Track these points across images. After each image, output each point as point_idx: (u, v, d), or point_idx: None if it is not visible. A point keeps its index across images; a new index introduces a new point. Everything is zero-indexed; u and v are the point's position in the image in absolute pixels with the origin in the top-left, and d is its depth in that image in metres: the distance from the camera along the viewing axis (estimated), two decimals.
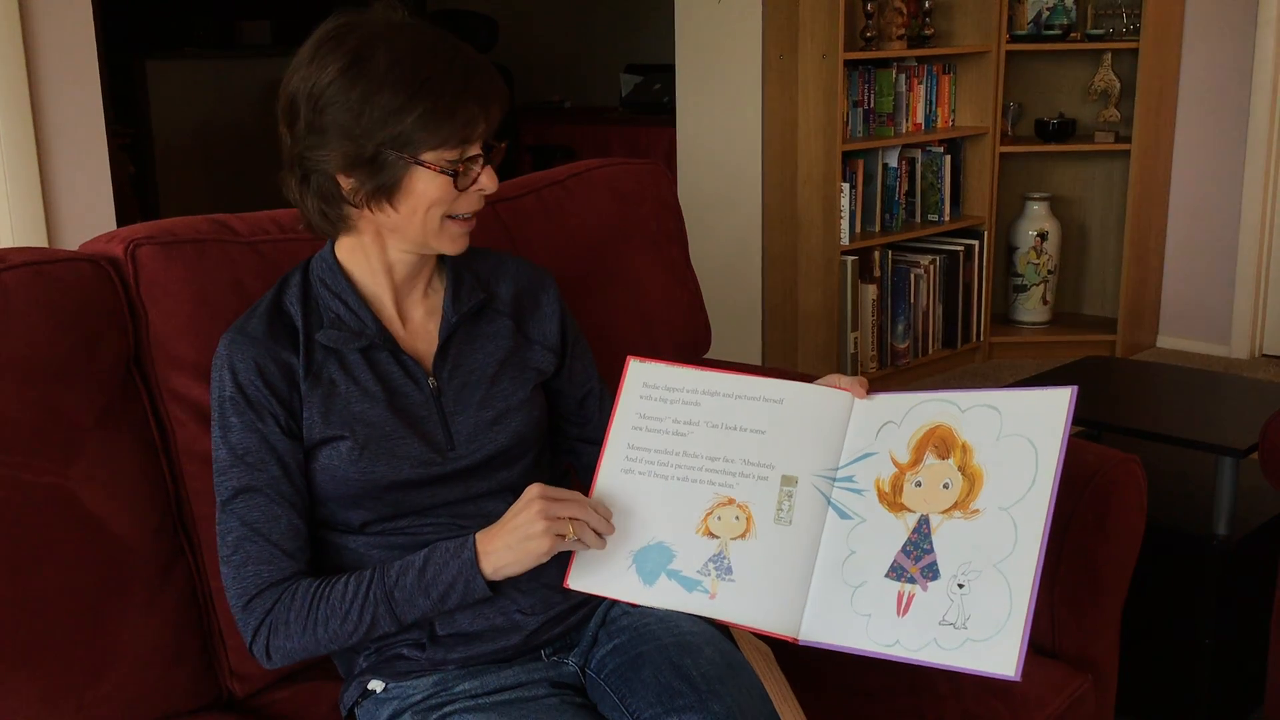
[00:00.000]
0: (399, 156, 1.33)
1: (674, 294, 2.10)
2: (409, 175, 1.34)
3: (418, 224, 1.38)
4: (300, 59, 1.36)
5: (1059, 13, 4.67)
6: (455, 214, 1.39)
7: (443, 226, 1.39)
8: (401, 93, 1.31)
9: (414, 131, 1.32)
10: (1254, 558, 2.16)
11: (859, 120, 4.29)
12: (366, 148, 1.32)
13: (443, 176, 1.35)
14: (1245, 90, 4.52)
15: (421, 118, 1.31)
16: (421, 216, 1.37)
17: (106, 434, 1.46)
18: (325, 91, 1.32)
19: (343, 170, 1.35)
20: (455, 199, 1.37)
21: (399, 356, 1.43)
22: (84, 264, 1.48)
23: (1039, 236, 4.76)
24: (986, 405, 1.39)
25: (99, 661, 1.43)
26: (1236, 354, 4.68)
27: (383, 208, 1.37)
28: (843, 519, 1.40)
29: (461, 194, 1.38)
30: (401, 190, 1.35)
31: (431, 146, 1.33)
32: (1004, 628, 1.27)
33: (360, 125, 1.32)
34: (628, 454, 1.46)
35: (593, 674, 1.40)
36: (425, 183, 1.35)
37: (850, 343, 4.27)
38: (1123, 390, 2.61)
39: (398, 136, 1.32)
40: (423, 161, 1.33)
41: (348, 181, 1.35)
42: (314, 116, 1.33)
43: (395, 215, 1.37)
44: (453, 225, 1.40)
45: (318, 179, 1.37)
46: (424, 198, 1.36)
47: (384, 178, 1.34)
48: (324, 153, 1.34)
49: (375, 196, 1.35)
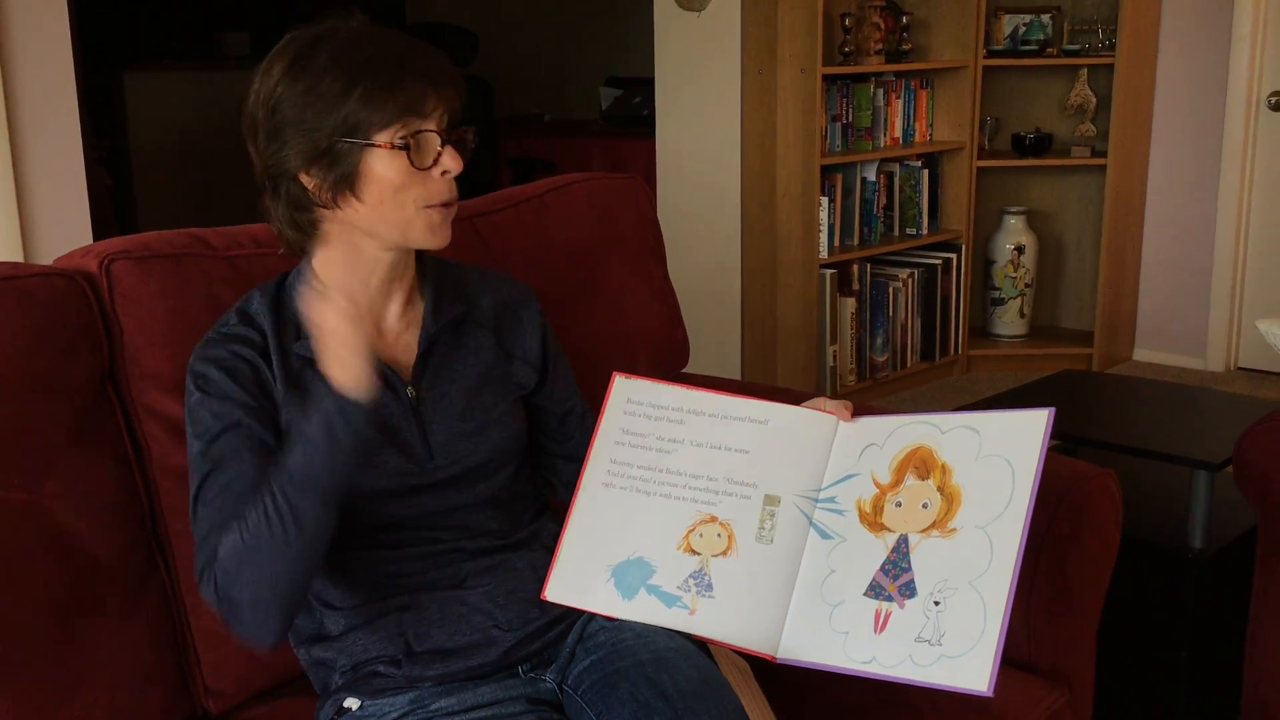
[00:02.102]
0: (351, 143, 1.33)
1: (652, 308, 2.10)
2: (365, 160, 1.33)
3: (389, 214, 1.36)
4: (254, 76, 1.37)
5: (1035, 28, 4.71)
6: (428, 201, 1.37)
7: (417, 215, 1.37)
8: (342, 77, 1.31)
9: (359, 112, 1.31)
10: (1229, 571, 2.17)
11: (837, 134, 4.31)
12: (320, 140, 1.32)
13: (397, 154, 1.33)
14: (1220, 105, 4.56)
15: (363, 97, 1.31)
16: (390, 204, 1.35)
17: (80, 450, 1.45)
18: (274, 93, 1.34)
19: (303, 169, 1.34)
20: (421, 182, 1.35)
21: (378, 365, 1.42)
22: (58, 279, 1.47)
23: (1016, 250, 4.79)
24: (966, 427, 1.40)
25: (72, 679, 1.41)
26: (1212, 367, 4.71)
27: (349, 202, 1.36)
28: (824, 539, 1.41)
29: (426, 178, 1.36)
30: (361, 178, 1.34)
31: (380, 125, 1.32)
32: (978, 644, 1.27)
33: (309, 118, 1.32)
34: (609, 468, 1.46)
35: (570, 690, 1.39)
36: (382, 165, 1.34)
37: (829, 356, 4.28)
38: (1099, 404, 2.62)
39: (345, 121, 1.32)
40: (374, 143, 1.33)
41: (310, 180, 1.35)
42: (269, 121, 1.34)
43: (363, 208, 1.36)
44: (429, 214, 1.37)
45: (285, 184, 1.37)
46: (385, 182, 1.34)
47: (342, 167, 1.33)
48: (284, 155, 1.34)
49: (339, 190, 1.35)
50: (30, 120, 2.63)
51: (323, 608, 1.43)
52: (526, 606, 1.41)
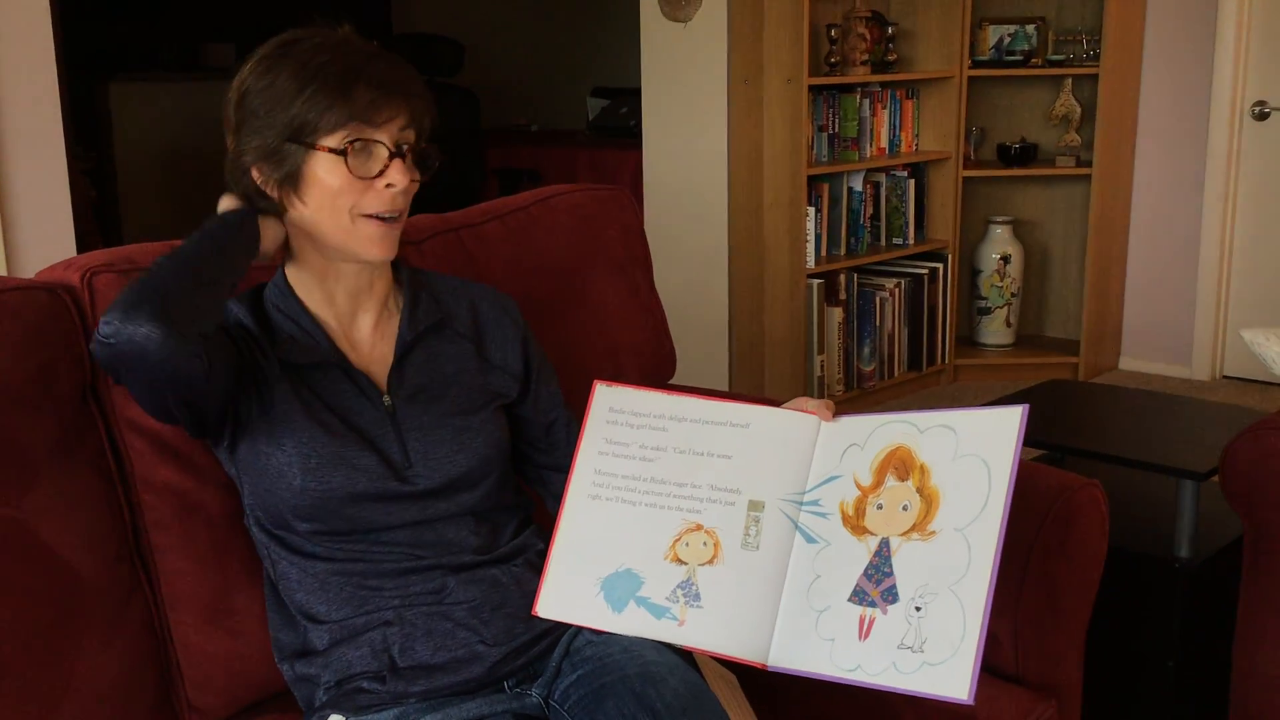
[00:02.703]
0: (297, 145, 1.33)
1: (639, 319, 2.10)
2: (308, 163, 1.34)
3: (327, 219, 1.36)
4: None
5: (1020, 39, 4.72)
6: (365, 211, 1.36)
7: (355, 224, 1.36)
8: (297, 78, 1.33)
9: (306, 114, 1.32)
10: (1216, 580, 2.18)
11: (824, 144, 4.31)
12: (270, 138, 1.34)
13: (339, 162, 1.33)
14: (1204, 114, 4.58)
15: (311, 98, 1.32)
16: (328, 209, 1.36)
17: (62, 464, 1.43)
18: (243, 86, 1.36)
19: (256, 164, 1.37)
20: (361, 191, 1.35)
21: (351, 374, 1.42)
22: (40, 292, 1.46)
23: (1002, 260, 4.80)
24: (943, 425, 1.39)
25: (54, 695, 1.40)
26: (1198, 376, 4.73)
27: (293, 201, 1.37)
28: (809, 543, 1.40)
29: (368, 187, 1.35)
30: (304, 179, 1.35)
31: (326, 129, 1.33)
32: (958, 651, 1.27)
33: (263, 115, 1.34)
34: (594, 479, 1.46)
35: (556, 705, 1.39)
36: (324, 169, 1.34)
37: (817, 366, 4.28)
38: (1085, 413, 2.62)
39: (292, 121, 1.33)
40: (316, 145, 1.33)
41: (260, 175, 1.37)
42: (235, 113, 1.37)
43: (305, 209, 1.37)
44: (366, 224, 1.37)
45: (243, 179, 1.39)
46: (324, 187, 1.35)
47: (287, 166, 1.35)
48: (242, 148, 1.37)
49: (284, 188, 1.36)
50: (13, 131, 2.62)
51: (307, 621, 1.42)
52: (512, 621, 1.40)
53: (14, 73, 2.61)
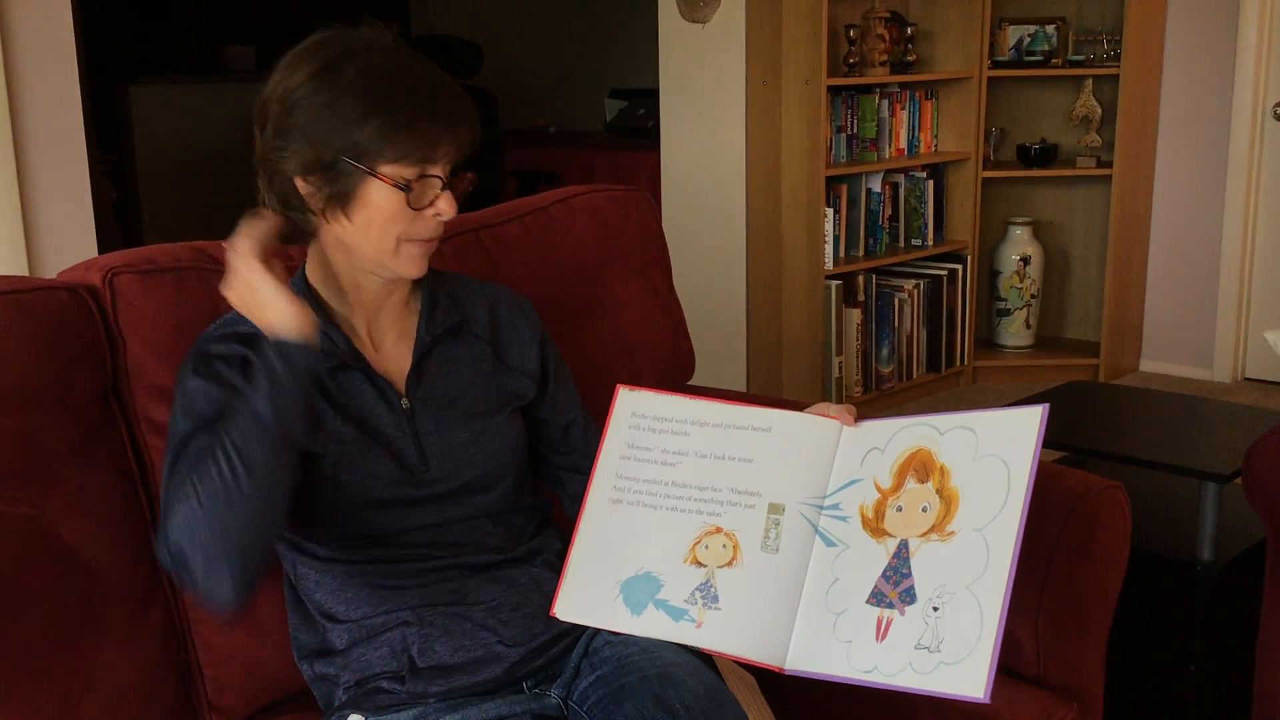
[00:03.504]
0: (355, 166, 1.32)
1: (657, 320, 2.10)
2: (364, 186, 1.33)
3: (372, 240, 1.36)
4: (279, 65, 1.37)
5: (1040, 39, 4.70)
6: (411, 237, 1.37)
7: (399, 247, 1.37)
8: (364, 102, 1.31)
9: (371, 141, 1.31)
10: (1238, 583, 2.16)
11: (842, 145, 4.30)
12: (325, 154, 1.32)
13: (397, 192, 1.33)
14: (1225, 115, 4.55)
15: (380, 128, 1.31)
16: (376, 232, 1.36)
17: (84, 464, 1.44)
18: (294, 94, 1.33)
19: (301, 174, 1.35)
20: (410, 220, 1.36)
21: (371, 376, 1.42)
22: (61, 293, 1.47)
23: (1022, 261, 4.78)
24: (964, 427, 1.39)
25: (75, 694, 1.41)
26: (1219, 378, 4.70)
27: (338, 218, 1.36)
28: (828, 546, 1.40)
29: (417, 216, 1.36)
30: (356, 201, 1.34)
31: (389, 159, 1.32)
32: (974, 650, 1.26)
33: (321, 130, 1.32)
34: (616, 484, 1.46)
35: (575, 706, 1.38)
36: (380, 196, 1.34)
37: (834, 367, 4.27)
38: (1106, 415, 2.61)
39: (355, 145, 1.32)
40: (378, 174, 1.33)
41: (305, 186, 1.35)
42: (281, 119, 1.34)
43: (350, 227, 1.36)
44: (409, 247, 1.38)
45: (279, 181, 1.37)
46: (378, 212, 1.34)
47: (339, 185, 1.34)
48: (285, 154, 1.34)
49: (331, 204, 1.35)
50: (36, 133, 2.63)
51: (326, 621, 1.42)
52: (531, 622, 1.40)
53: (36, 76, 2.63)
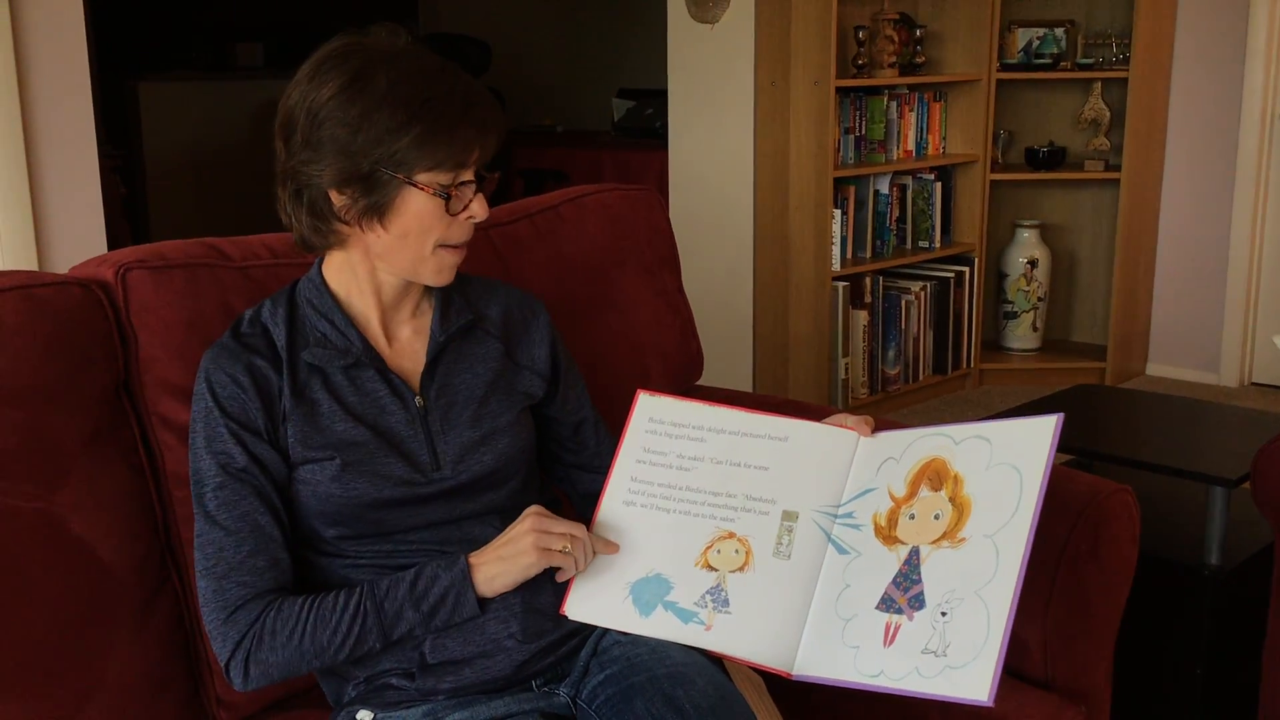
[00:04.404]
0: (392, 176, 1.33)
1: (666, 320, 2.10)
2: (401, 195, 1.34)
3: (410, 248, 1.38)
4: (301, 75, 1.37)
5: (1049, 42, 4.70)
6: (446, 242, 1.39)
7: (434, 254, 1.39)
8: (401, 112, 1.31)
9: (409, 151, 1.32)
10: (1246, 587, 2.16)
11: (850, 147, 4.30)
12: (362, 165, 1.33)
13: (435, 199, 1.35)
14: (1234, 119, 4.55)
15: (418, 138, 1.32)
16: (414, 240, 1.37)
17: (95, 459, 1.44)
18: (324, 107, 1.33)
19: (335, 186, 1.35)
20: (447, 225, 1.37)
21: (385, 374, 1.43)
22: (74, 287, 1.47)
23: (1029, 264, 4.77)
24: (978, 436, 1.39)
25: (85, 689, 1.41)
26: (1226, 382, 4.69)
27: (374, 227, 1.37)
28: (841, 554, 1.40)
29: (453, 221, 1.38)
30: (393, 210, 1.35)
31: (426, 168, 1.33)
32: (980, 653, 1.26)
33: (357, 142, 1.32)
34: (630, 486, 1.46)
35: (584, 704, 1.39)
36: (418, 204, 1.35)
37: (841, 368, 4.27)
38: (1113, 419, 2.61)
39: (393, 155, 1.32)
40: (416, 182, 1.34)
41: (340, 198, 1.35)
42: (311, 132, 1.34)
43: (386, 236, 1.37)
44: (444, 254, 1.40)
45: (310, 194, 1.37)
46: (415, 220, 1.35)
47: (377, 196, 1.34)
48: (318, 168, 1.34)
49: (367, 215, 1.36)
50: (46, 129, 2.64)
51: None
52: (541, 619, 1.40)
53: (47, 72, 2.63)
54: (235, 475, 1.35)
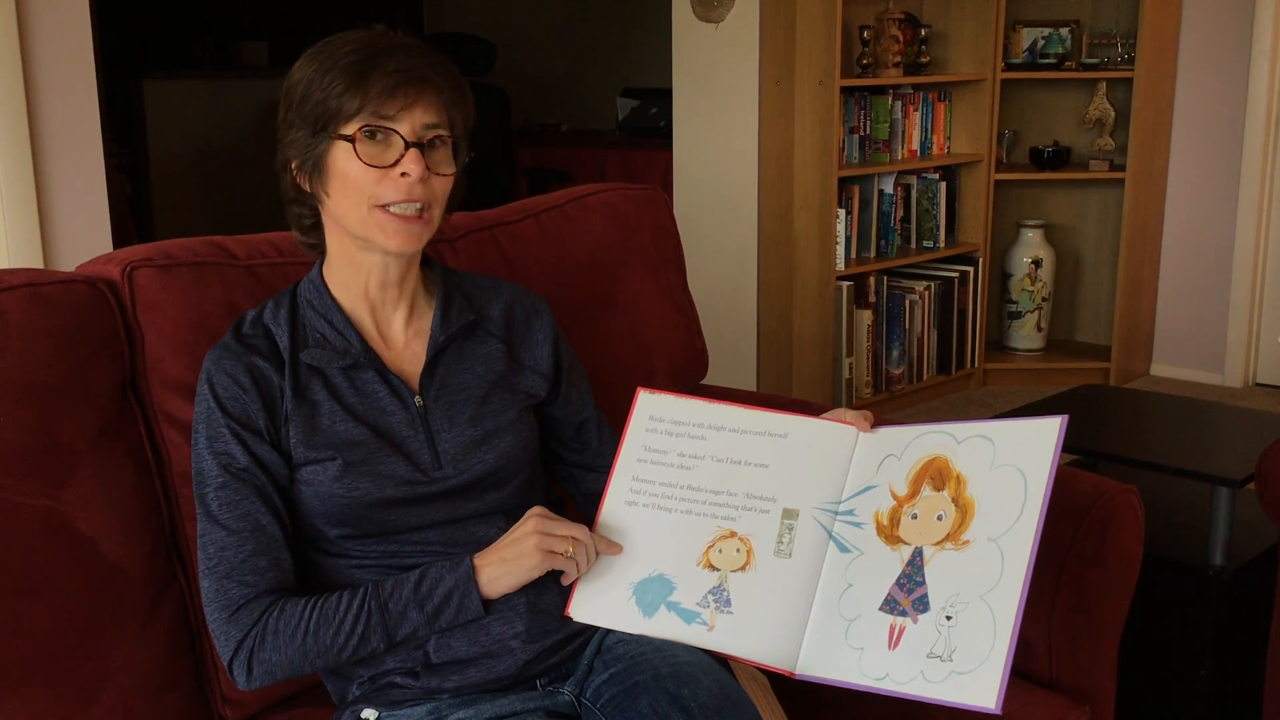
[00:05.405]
0: (323, 134, 1.35)
1: (672, 319, 2.10)
2: (330, 151, 1.35)
3: (350, 208, 1.36)
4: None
5: (1054, 41, 4.70)
6: (379, 201, 1.35)
7: (371, 214, 1.35)
8: (321, 69, 1.34)
9: (325, 101, 1.33)
10: (1250, 588, 2.16)
11: (855, 146, 4.30)
12: (301, 131, 1.36)
13: (350, 151, 1.33)
14: (1239, 119, 4.54)
15: (329, 86, 1.33)
16: (351, 200, 1.36)
17: (101, 456, 1.45)
18: (290, 80, 1.37)
19: (291, 157, 1.38)
20: (376, 181, 1.33)
21: (385, 375, 1.43)
22: (81, 285, 1.48)
23: (1033, 264, 4.77)
24: (981, 436, 1.39)
25: (91, 686, 1.41)
26: (1230, 383, 4.69)
27: (319, 194, 1.38)
28: (842, 552, 1.40)
29: (383, 176, 1.34)
30: (326, 169, 1.36)
31: (346, 117, 1.33)
32: (987, 660, 1.26)
33: (295, 109, 1.36)
34: (632, 486, 1.46)
35: (588, 703, 1.39)
36: (343, 159, 1.34)
37: (845, 368, 4.27)
38: (1118, 419, 2.61)
39: (316, 110, 1.34)
40: (338, 133, 1.34)
41: (296, 170, 1.38)
42: (284, 112, 1.39)
43: (329, 201, 1.38)
44: (381, 216, 1.35)
45: (285, 175, 1.40)
46: (343, 176, 1.35)
47: (313, 157, 1.36)
48: (286, 142, 1.38)
49: (313, 181, 1.37)
50: (52, 127, 2.64)
51: None
52: (545, 619, 1.40)
53: (53, 70, 2.63)
54: (237, 475, 1.35)
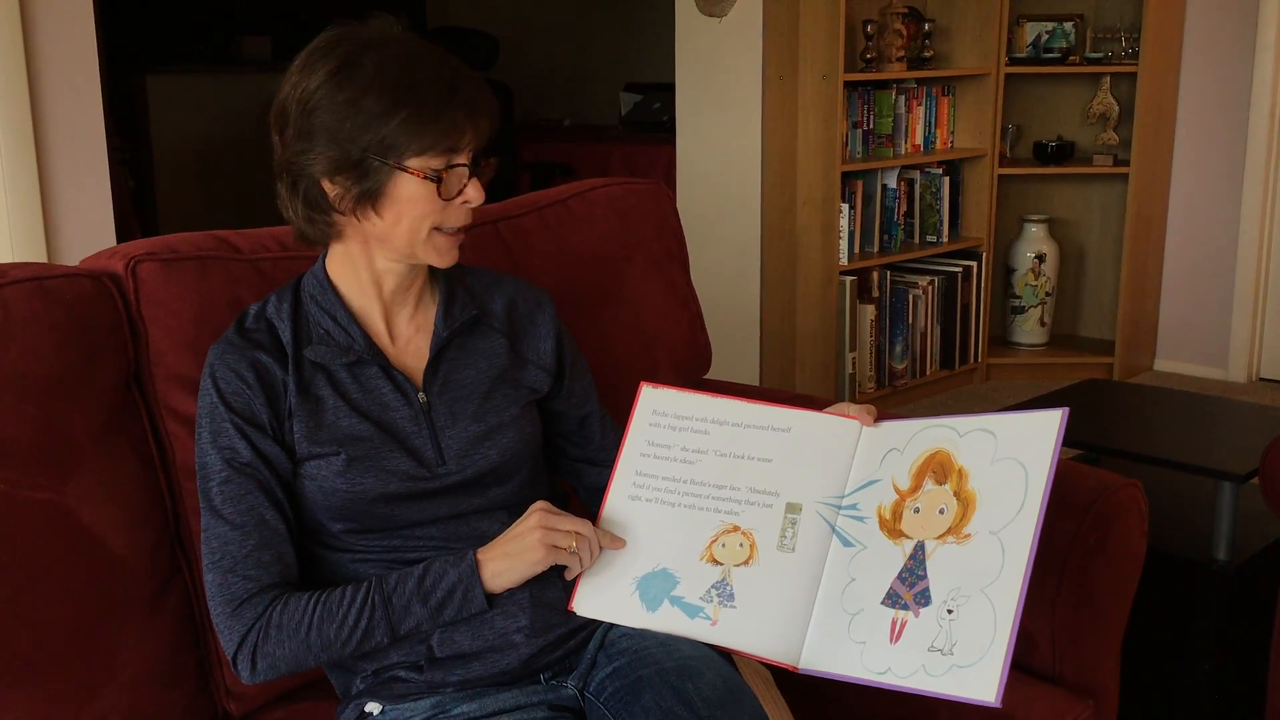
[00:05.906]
0: (383, 162, 1.33)
1: (675, 314, 2.10)
2: (393, 181, 1.34)
3: (404, 232, 1.37)
4: (293, 67, 1.37)
5: (1058, 36, 4.69)
6: (442, 226, 1.38)
7: (429, 238, 1.38)
8: (386, 97, 1.31)
9: (398, 136, 1.31)
10: (1254, 583, 2.16)
11: (858, 141, 4.30)
12: (352, 152, 1.32)
13: (426, 184, 1.34)
14: (1243, 114, 4.53)
15: (405, 122, 1.31)
16: (407, 225, 1.36)
17: (105, 451, 1.45)
18: (313, 96, 1.33)
19: (328, 175, 1.35)
20: (441, 209, 1.37)
21: (388, 371, 1.43)
22: (85, 280, 1.48)
23: (1037, 258, 4.77)
24: (983, 429, 1.39)
25: (95, 680, 1.41)
26: (1234, 377, 4.68)
27: (368, 215, 1.36)
28: (845, 546, 1.40)
29: (447, 205, 1.37)
30: (385, 197, 1.35)
31: (415, 152, 1.33)
32: (987, 654, 1.26)
33: (345, 129, 1.32)
34: (635, 480, 1.46)
35: (592, 697, 1.39)
36: (410, 190, 1.34)
37: (848, 363, 4.27)
38: (1121, 414, 2.61)
39: (382, 141, 1.32)
40: (406, 168, 1.33)
41: (333, 187, 1.35)
42: (302, 121, 1.34)
43: (381, 223, 1.37)
44: (439, 238, 1.39)
45: (305, 185, 1.37)
46: (408, 205, 1.35)
47: (368, 183, 1.34)
48: (310, 157, 1.34)
49: (360, 203, 1.35)
50: (56, 122, 2.64)
51: None
52: (549, 613, 1.40)
53: (57, 65, 2.63)
54: (240, 470, 1.35)
